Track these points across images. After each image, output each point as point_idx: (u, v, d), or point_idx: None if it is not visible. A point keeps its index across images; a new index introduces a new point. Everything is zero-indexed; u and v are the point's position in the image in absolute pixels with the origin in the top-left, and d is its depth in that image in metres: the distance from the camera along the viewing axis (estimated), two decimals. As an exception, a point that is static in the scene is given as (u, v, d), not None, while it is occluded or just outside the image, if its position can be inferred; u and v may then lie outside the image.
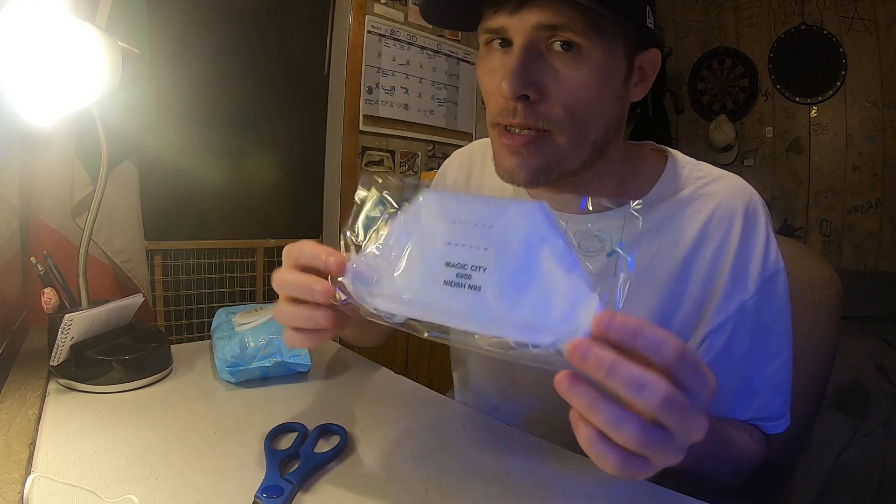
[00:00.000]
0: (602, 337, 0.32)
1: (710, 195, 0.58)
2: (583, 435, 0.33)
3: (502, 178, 0.55)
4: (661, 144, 0.66)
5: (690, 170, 0.61)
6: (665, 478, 0.49)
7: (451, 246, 0.37)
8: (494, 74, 0.52)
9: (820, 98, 2.70)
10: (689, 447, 0.36)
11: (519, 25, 0.49)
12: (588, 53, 0.49)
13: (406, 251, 0.39)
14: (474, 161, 0.75)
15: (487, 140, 0.75)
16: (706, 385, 0.33)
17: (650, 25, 0.53)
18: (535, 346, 0.34)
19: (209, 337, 0.79)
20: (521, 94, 0.49)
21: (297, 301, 0.42)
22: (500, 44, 0.52)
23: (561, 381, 0.32)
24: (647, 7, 0.52)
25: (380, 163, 2.33)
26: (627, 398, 0.31)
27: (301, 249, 0.43)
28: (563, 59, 0.50)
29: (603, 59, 0.50)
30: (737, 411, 0.58)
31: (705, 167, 0.61)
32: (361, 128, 2.22)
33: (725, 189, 0.58)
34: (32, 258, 0.71)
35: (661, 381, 0.31)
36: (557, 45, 0.49)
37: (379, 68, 2.25)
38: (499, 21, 0.51)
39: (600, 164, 0.56)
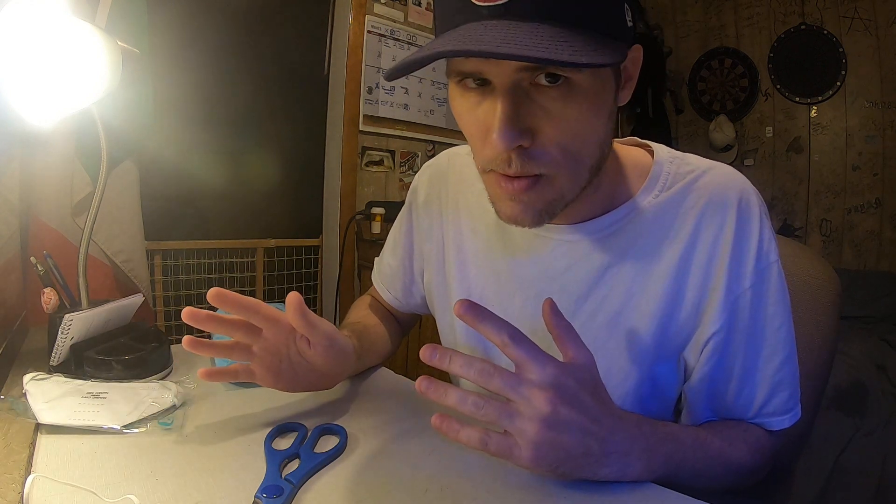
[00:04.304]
0: (460, 317, 0.42)
1: (701, 189, 0.56)
2: (444, 427, 0.43)
3: (504, 221, 0.53)
4: (644, 140, 0.64)
5: (678, 165, 0.59)
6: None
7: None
8: (477, 119, 0.48)
9: (820, 98, 2.70)
10: (656, 457, 0.46)
11: (498, 68, 0.44)
12: (578, 83, 0.45)
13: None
14: (444, 176, 0.73)
15: (454, 150, 0.73)
16: (544, 364, 0.42)
17: (630, 22, 0.47)
18: None
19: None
20: (516, 146, 0.46)
21: None
22: (476, 83, 0.48)
23: (418, 385, 0.42)
24: (624, 5, 0.47)
25: (380, 163, 2.33)
26: (463, 376, 0.41)
27: None
28: (552, 96, 0.45)
29: (593, 84, 0.46)
30: (738, 411, 0.57)
31: (692, 160, 0.59)
32: (361, 128, 2.23)
33: (716, 181, 0.57)
34: (32, 258, 0.71)
35: (479, 361, 0.41)
36: (542, 79, 0.45)
37: (379, 68, 2.25)
38: (474, 65, 0.46)
39: (595, 178, 0.54)
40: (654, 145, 0.62)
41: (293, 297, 0.49)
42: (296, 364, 0.55)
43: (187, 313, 0.47)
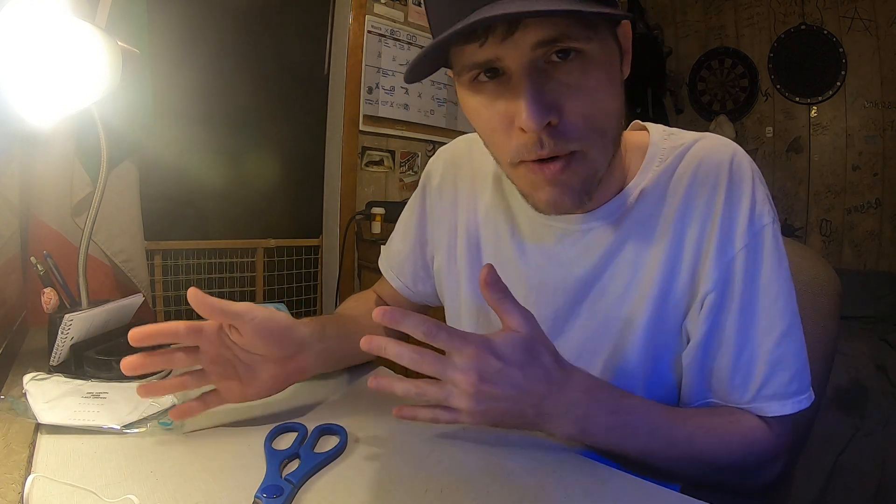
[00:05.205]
0: (379, 322, 0.46)
1: (692, 155, 0.57)
2: (404, 413, 0.50)
3: (542, 212, 0.54)
4: (644, 122, 0.64)
5: (672, 140, 0.59)
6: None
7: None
8: (497, 111, 0.48)
9: (820, 98, 2.70)
10: (593, 427, 0.49)
11: (514, 50, 0.45)
12: (591, 55, 0.46)
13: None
14: (461, 161, 0.73)
15: (472, 135, 0.72)
16: (463, 347, 0.45)
17: None
18: None
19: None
20: (546, 123, 0.46)
21: None
22: (489, 76, 0.48)
23: (370, 383, 0.49)
24: None
25: (380, 163, 2.33)
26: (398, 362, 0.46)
27: None
28: (569, 70, 0.46)
29: (604, 55, 0.47)
30: (734, 393, 0.55)
31: (684, 134, 0.60)
32: (361, 128, 2.22)
33: (708, 147, 0.57)
34: (32, 258, 0.71)
35: (409, 350, 0.46)
36: (555, 57, 0.46)
37: (379, 68, 2.25)
38: (488, 52, 0.46)
39: (614, 155, 0.55)
40: (650, 126, 0.62)
41: (190, 293, 0.49)
42: (249, 363, 0.54)
43: (125, 365, 0.48)
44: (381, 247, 0.84)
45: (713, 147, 0.57)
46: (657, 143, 0.60)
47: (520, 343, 0.47)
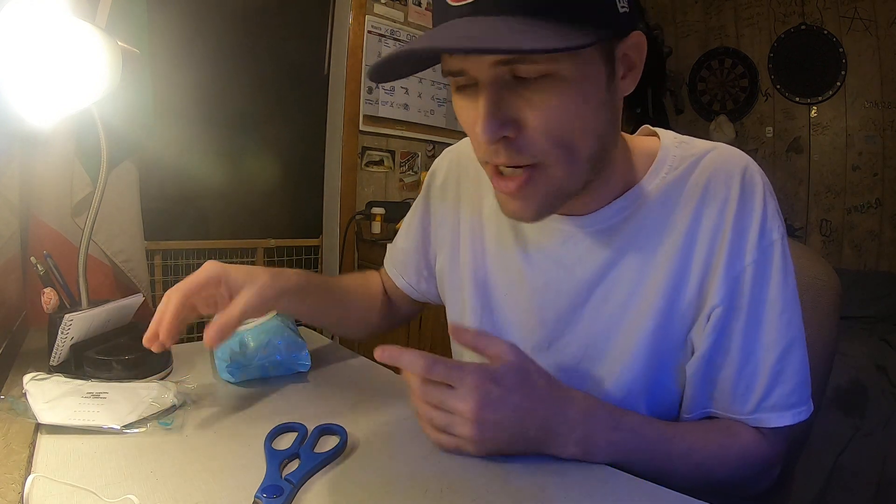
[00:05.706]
0: (381, 360, 0.49)
1: (705, 165, 0.57)
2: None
3: (509, 217, 0.55)
4: (655, 127, 0.64)
5: (685, 148, 0.59)
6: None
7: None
8: (469, 116, 0.50)
9: (820, 98, 2.70)
10: (595, 446, 0.50)
11: (477, 64, 0.46)
12: (559, 73, 0.45)
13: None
14: (465, 161, 0.73)
15: None
16: (462, 377, 0.47)
17: (623, 9, 0.47)
18: None
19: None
20: (500, 137, 0.47)
21: None
22: (465, 82, 0.49)
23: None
24: None
25: (380, 163, 2.33)
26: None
27: None
28: (537, 87, 0.46)
29: (577, 74, 0.46)
30: (737, 401, 0.55)
31: (697, 142, 0.60)
32: (361, 128, 2.23)
33: (720, 158, 0.57)
34: (32, 258, 0.71)
35: (415, 381, 0.49)
36: (522, 72, 0.45)
37: (379, 68, 2.25)
38: (456, 63, 0.48)
39: (604, 170, 0.54)
40: (661, 132, 0.62)
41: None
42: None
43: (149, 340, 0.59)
44: (385, 246, 0.84)
45: (725, 158, 0.57)
46: (668, 149, 0.59)
47: (513, 368, 0.49)
